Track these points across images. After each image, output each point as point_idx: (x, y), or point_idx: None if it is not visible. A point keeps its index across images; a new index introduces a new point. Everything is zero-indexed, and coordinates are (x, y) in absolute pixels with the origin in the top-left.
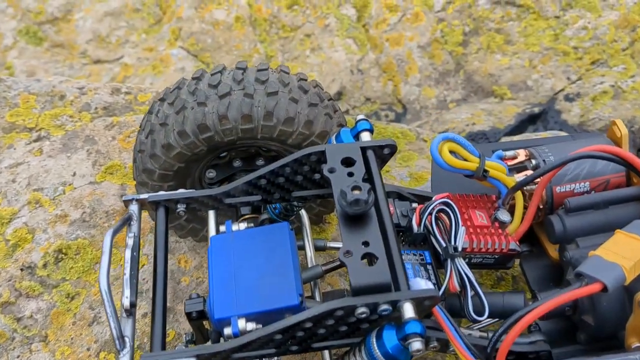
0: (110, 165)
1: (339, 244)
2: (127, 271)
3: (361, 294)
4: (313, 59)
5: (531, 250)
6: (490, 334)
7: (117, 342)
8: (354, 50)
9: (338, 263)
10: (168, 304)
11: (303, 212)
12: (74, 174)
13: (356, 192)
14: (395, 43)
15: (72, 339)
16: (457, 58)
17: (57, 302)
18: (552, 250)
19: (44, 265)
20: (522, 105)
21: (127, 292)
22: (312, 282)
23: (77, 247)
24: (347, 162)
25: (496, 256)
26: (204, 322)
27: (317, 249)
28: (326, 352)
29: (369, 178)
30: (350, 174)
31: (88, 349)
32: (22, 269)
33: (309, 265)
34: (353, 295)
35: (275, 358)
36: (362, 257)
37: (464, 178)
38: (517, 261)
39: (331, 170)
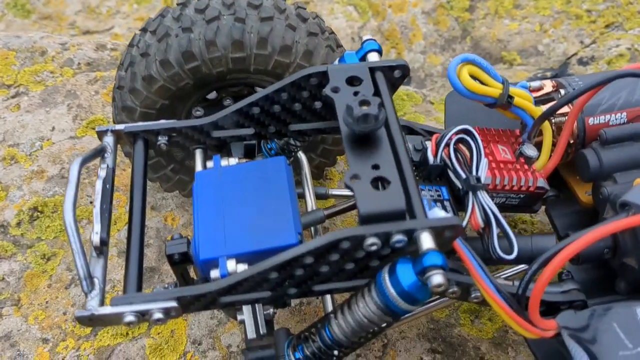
0: (92, 120)
1: (342, 191)
2: (97, 204)
3: (371, 222)
4: None
5: (558, 196)
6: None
7: (83, 283)
8: (355, 18)
9: (342, 207)
10: (153, 264)
11: (302, 156)
12: (53, 129)
13: (364, 107)
14: (398, 9)
15: (46, 302)
16: (464, 24)
17: (32, 264)
18: (583, 194)
19: (18, 224)
20: (533, 70)
21: (97, 228)
22: (312, 228)
23: (55, 204)
24: (353, 81)
25: (522, 195)
26: (190, 270)
27: (319, 197)
28: (328, 299)
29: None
30: (357, 93)
31: (64, 313)
32: None
33: (308, 211)
34: (361, 224)
35: (272, 310)
36: (372, 182)
37: (481, 114)
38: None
39: (335, 90)
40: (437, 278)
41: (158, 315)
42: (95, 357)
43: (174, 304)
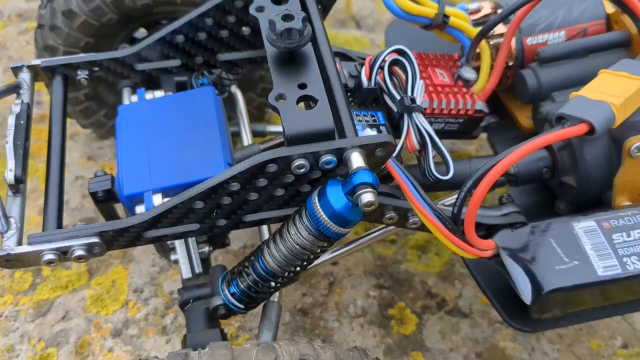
0: None
1: (280, 128)
2: (10, 139)
3: (298, 142)
4: None
5: (499, 122)
6: None
7: None
8: None
9: (279, 141)
10: (92, 214)
11: (237, 92)
12: None
13: (288, 21)
14: None
15: None
16: None
17: None
18: (523, 119)
19: None
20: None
21: (11, 164)
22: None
23: None
24: (279, 1)
25: (460, 120)
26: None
27: (256, 134)
28: (264, 228)
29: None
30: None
31: (1, 269)
32: None
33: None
34: (288, 145)
35: (207, 249)
36: (298, 101)
37: (422, 38)
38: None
39: (259, 9)
40: (367, 196)
41: (80, 252)
42: (35, 311)
43: (96, 239)
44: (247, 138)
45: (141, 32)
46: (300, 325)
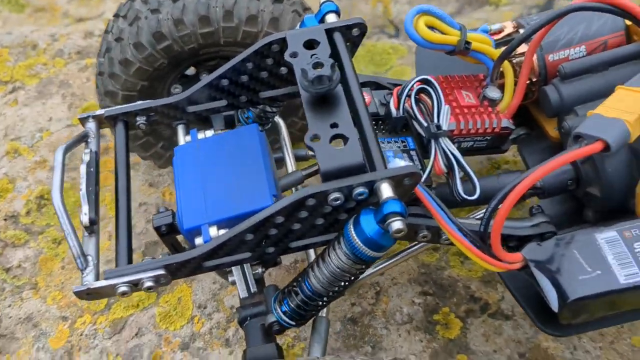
0: (86, 107)
1: None
2: (84, 187)
3: (332, 178)
4: None
5: (529, 134)
6: None
7: (77, 261)
8: None
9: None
10: (156, 238)
11: (280, 121)
12: (50, 119)
13: (318, 69)
14: None
15: (62, 283)
16: None
17: (44, 249)
18: (552, 130)
19: (27, 213)
20: (519, 9)
21: (85, 209)
22: (294, 189)
23: None
24: (311, 45)
25: (488, 137)
26: (180, 240)
27: (299, 159)
28: (311, 252)
29: (335, 59)
30: (314, 56)
31: None
32: (5, 219)
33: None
34: (323, 181)
35: (260, 270)
36: (331, 140)
37: (450, 62)
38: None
39: (293, 55)
40: (396, 224)
41: (149, 283)
42: (111, 329)
43: (162, 271)
44: (290, 162)
45: (191, 70)
46: (350, 333)
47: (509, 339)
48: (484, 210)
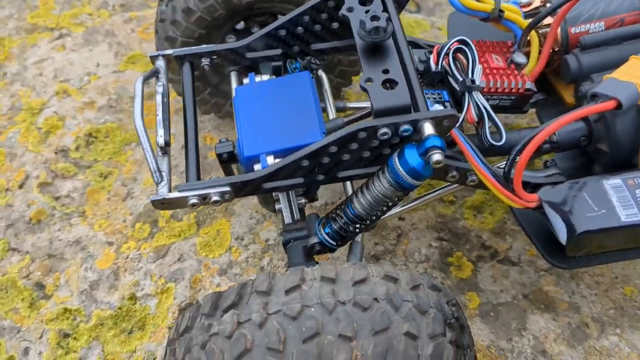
0: (131, 55)
1: (358, 104)
2: (160, 113)
3: (383, 115)
4: None
5: (547, 99)
6: None
7: (154, 175)
8: None
9: (359, 115)
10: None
11: (323, 75)
12: (98, 65)
13: (375, 21)
14: None
15: (108, 213)
16: None
17: (92, 181)
18: (568, 96)
19: (77, 148)
20: None
21: (161, 132)
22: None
23: (107, 130)
24: (365, 2)
25: (512, 97)
26: (235, 169)
27: (338, 110)
28: (348, 184)
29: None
30: (368, 12)
31: (124, 221)
32: (55, 152)
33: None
34: (375, 117)
35: (303, 201)
36: (383, 83)
37: (480, 28)
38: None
39: (349, 9)
40: (436, 156)
41: (215, 197)
42: (154, 254)
43: (227, 188)
44: (331, 112)
45: (240, 24)
46: None
47: (514, 282)
48: (504, 162)
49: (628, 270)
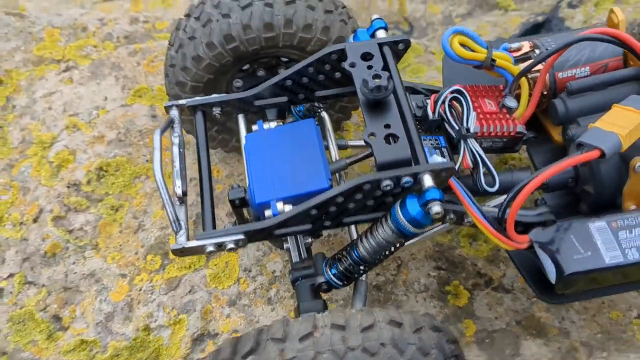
0: (138, 89)
1: (359, 142)
2: (177, 164)
3: (385, 169)
4: None
5: (536, 137)
6: None
7: (173, 225)
8: None
9: (360, 156)
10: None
11: (325, 115)
12: (106, 99)
13: (377, 80)
14: None
15: (120, 245)
16: None
17: (104, 214)
18: (556, 135)
19: (88, 182)
20: (526, 15)
21: (178, 183)
22: (337, 174)
23: (117, 164)
24: (366, 57)
25: (504, 139)
26: (244, 211)
27: (340, 147)
28: (353, 229)
29: (386, 70)
30: (370, 67)
31: (136, 253)
32: (68, 187)
33: (332, 161)
34: (378, 170)
35: (309, 240)
36: (385, 138)
37: (473, 72)
38: (524, 148)
39: (352, 65)
40: (436, 207)
41: (231, 245)
42: (166, 286)
43: (242, 236)
44: (334, 150)
45: (246, 65)
46: (375, 298)
47: (508, 309)
48: (495, 200)
49: (614, 296)
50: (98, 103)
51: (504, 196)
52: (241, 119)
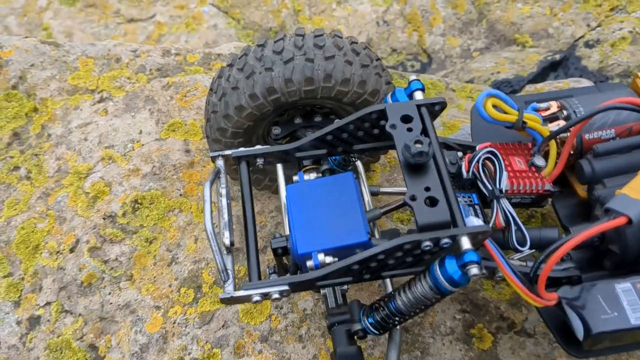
0: (172, 123)
1: (390, 189)
2: (225, 216)
3: (426, 230)
4: (339, 12)
5: (562, 191)
6: (530, 263)
7: (222, 274)
8: (379, 2)
9: (393, 206)
10: (237, 245)
11: (358, 163)
12: (140, 132)
13: (418, 145)
14: None
15: (154, 277)
16: (480, 7)
17: (138, 246)
18: (581, 190)
19: (123, 214)
20: (543, 52)
21: (227, 234)
22: (372, 222)
23: (151, 197)
24: (406, 119)
25: (533, 196)
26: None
27: (372, 194)
28: (388, 281)
29: (424, 132)
30: (410, 129)
31: (170, 286)
32: (104, 218)
33: (367, 209)
34: (419, 232)
35: (346, 287)
36: (425, 200)
37: (500, 128)
38: (549, 200)
39: (393, 127)
40: (474, 270)
41: (276, 295)
42: (200, 320)
43: (286, 287)
44: (366, 195)
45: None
46: (403, 339)
47: (530, 353)
48: (520, 254)
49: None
50: (133, 136)
51: (526, 249)
52: (279, 167)
